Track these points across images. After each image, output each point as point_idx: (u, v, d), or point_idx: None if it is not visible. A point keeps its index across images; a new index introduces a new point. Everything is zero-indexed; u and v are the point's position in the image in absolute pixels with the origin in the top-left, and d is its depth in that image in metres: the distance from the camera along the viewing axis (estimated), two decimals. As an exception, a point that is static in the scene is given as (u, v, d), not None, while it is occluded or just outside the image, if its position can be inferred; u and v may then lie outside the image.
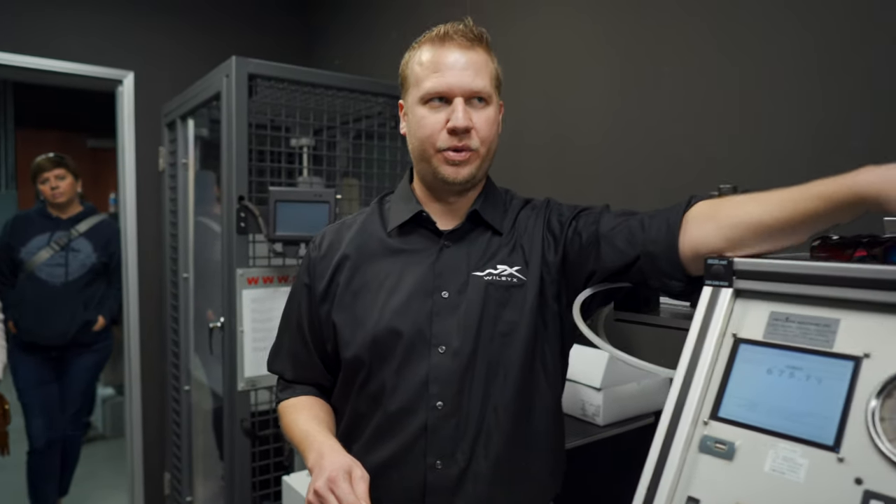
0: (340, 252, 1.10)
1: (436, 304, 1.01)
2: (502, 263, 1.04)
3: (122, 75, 2.95)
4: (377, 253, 1.08)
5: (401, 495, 1.00)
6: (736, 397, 0.77)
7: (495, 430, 1.00)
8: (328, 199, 1.94)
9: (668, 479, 0.76)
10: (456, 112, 0.99)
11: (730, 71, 1.58)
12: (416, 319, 1.00)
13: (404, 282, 1.03)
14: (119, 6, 2.95)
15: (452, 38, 1.01)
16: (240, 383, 2.07)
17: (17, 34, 2.72)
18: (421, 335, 1.00)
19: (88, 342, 2.95)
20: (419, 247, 1.07)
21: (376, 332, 1.01)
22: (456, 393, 0.98)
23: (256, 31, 3.27)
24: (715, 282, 0.84)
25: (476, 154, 1.03)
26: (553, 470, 1.10)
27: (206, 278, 2.67)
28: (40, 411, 2.84)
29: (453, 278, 1.03)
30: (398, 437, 1.00)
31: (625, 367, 1.63)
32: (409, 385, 0.99)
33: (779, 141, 1.48)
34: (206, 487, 2.77)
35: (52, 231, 2.89)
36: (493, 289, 1.02)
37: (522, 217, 1.11)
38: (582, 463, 1.79)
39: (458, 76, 1.00)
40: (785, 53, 1.47)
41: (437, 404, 0.98)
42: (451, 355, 0.99)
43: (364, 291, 1.06)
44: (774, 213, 0.80)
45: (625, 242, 0.97)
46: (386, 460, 1.01)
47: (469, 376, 0.99)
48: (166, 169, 2.89)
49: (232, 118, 2.02)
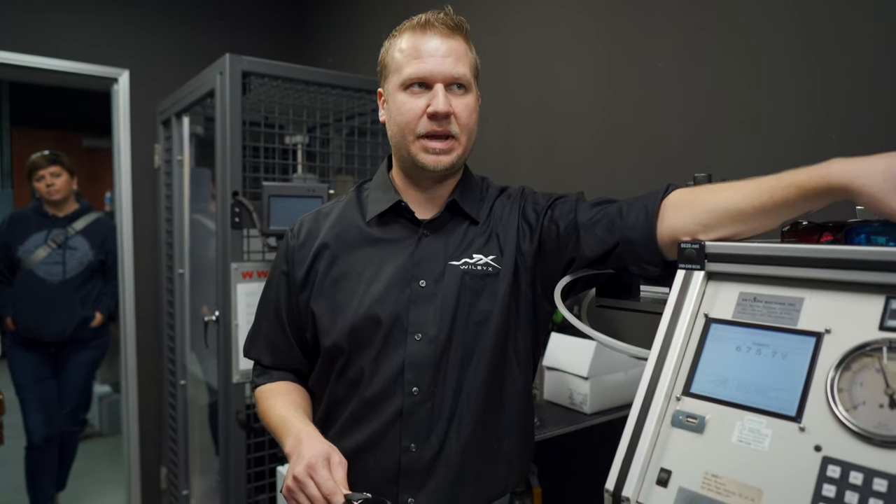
0: (319, 240, 1.11)
1: (414, 292, 1.03)
2: (478, 252, 1.06)
3: (117, 73, 2.98)
4: (356, 242, 1.09)
5: (375, 477, 1.02)
6: (707, 374, 0.80)
7: (467, 415, 1.02)
8: (321, 193, 1.98)
9: (643, 452, 0.79)
10: (437, 97, 1.00)
11: (721, 66, 1.61)
12: (394, 308, 1.02)
13: (384, 271, 1.05)
14: (114, 4, 2.98)
15: (434, 26, 1.02)
16: (234, 376, 2.10)
17: (12, 32, 2.74)
18: (399, 323, 1.02)
19: (86, 339, 2.98)
20: (398, 236, 1.08)
21: (355, 321, 1.03)
22: (430, 379, 1.01)
23: (250, 28, 3.30)
24: (688, 265, 0.87)
25: (457, 142, 1.04)
26: (523, 451, 1.12)
27: (201, 275, 2.70)
28: (38, 407, 2.86)
29: (431, 267, 1.04)
30: (374, 422, 1.02)
31: (612, 356, 1.67)
32: (386, 371, 1.01)
33: (771, 137, 1.52)
34: (203, 482, 2.80)
35: (49, 229, 2.91)
36: (468, 278, 1.03)
37: (498, 206, 1.12)
38: (569, 450, 1.83)
39: (439, 62, 1.01)
40: (778, 49, 1.50)
41: (412, 390, 1.01)
42: (426, 343, 1.01)
43: (343, 280, 1.07)
44: (749, 201, 0.84)
45: (604, 231, 1.00)
46: (361, 444, 1.03)
47: (444, 363, 1.01)
48: (162, 166, 2.92)
49: (226, 115, 2.04)
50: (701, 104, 1.65)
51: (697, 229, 0.89)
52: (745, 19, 1.54)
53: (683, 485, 0.75)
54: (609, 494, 0.80)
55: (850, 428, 0.66)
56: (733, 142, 1.58)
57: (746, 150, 1.55)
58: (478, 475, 1.04)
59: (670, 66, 1.71)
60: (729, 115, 1.58)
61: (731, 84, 1.58)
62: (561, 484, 1.81)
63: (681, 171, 1.66)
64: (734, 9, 1.56)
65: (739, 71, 1.56)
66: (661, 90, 1.74)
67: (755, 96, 1.53)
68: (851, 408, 0.67)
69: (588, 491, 1.74)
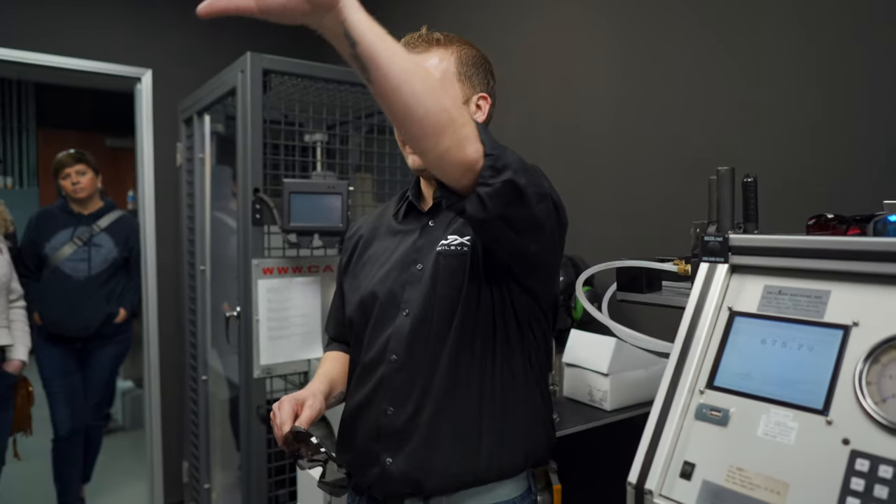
0: (360, 231, 1.31)
1: (411, 274, 1.14)
2: (455, 234, 1.13)
3: (140, 73, 3.02)
4: (383, 232, 1.25)
5: (364, 435, 1.14)
6: (731, 367, 0.80)
7: (438, 386, 1.09)
8: (341, 190, 1.99)
9: (666, 445, 0.79)
10: None
11: (740, 60, 1.60)
12: (391, 287, 1.14)
13: (394, 256, 1.18)
14: (137, 5, 3.02)
15: (409, 45, 1.13)
16: (255, 371, 2.12)
17: (39, 33, 2.80)
18: (393, 300, 1.13)
19: (110, 334, 3.03)
20: (411, 227, 1.21)
21: (363, 296, 1.18)
22: (406, 349, 1.10)
23: (270, 27, 3.32)
24: (711, 258, 0.87)
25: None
26: (502, 438, 1.11)
27: (222, 272, 2.73)
28: (65, 400, 2.92)
29: (429, 252, 1.14)
30: (367, 385, 1.14)
31: (632, 353, 1.66)
32: (378, 341, 1.14)
33: (784, 131, 1.50)
34: (224, 476, 2.83)
35: (74, 226, 2.96)
36: (442, 257, 1.11)
37: None
38: (589, 447, 1.82)
39: None
40: (793, 44, 1.49)
41: (392, 357, 1.11)
42: (410, 318, 1.11)
43: (367, 263, 1.23)
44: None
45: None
46: (358, 404, 1.16)
47: (420, 336, 1.10)
48: (183, 164, 2.96)
49: (247, 113, 2.07)
50: (722, 99, 1.63)
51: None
52: (761, 13, 1.53)
53: (707, 478, 0.74)
54: (632, 487, 0.79)
55: (879, 421, 0.65)
56: (754, 138, 1.56)
57: (766, 146, 1.53)
58: (450, 449, 1.08)
59: (689, 60, 1.70)
60: (748, 111, 1.57)
61: (751, 79, 1.56)
62: (581, 480, 1.80)
63: (700, 166, 1.65)
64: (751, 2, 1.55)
65: (759, 64, 1.54)
66: (680, 85, 1.72)
67: (772, 91, 1.51)
68: (881, 401, 0.66)
69: (608, 487, 1.73)
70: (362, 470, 1.13)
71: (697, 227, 1.05)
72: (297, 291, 2.18)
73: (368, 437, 1.12)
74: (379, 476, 1.11)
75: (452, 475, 1.08)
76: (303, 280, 2.19)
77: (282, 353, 2.15)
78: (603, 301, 1.20)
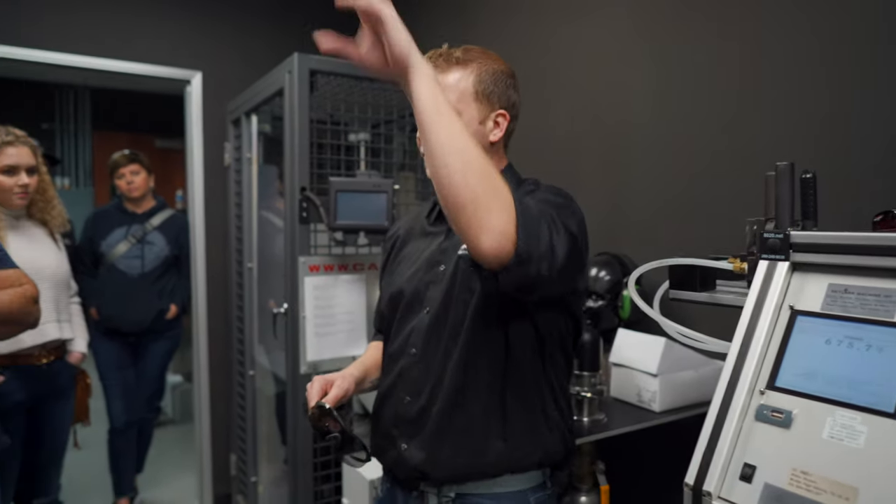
0: (398, 233, 1.39)
1: (435, 275, 1.20)
2: None
3: (190, 75, 3.11)
4: (417, 233, 1.33)
5: (386, 421, 1.22)
6: (793, 367, 0.77)
7: (450, 380, 1.14)
8: (386, 188, 2.01)
9: (724, 446, 0.77)
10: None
11: (789, 54, 1.55)
12: (417, 286, 1.21)
13: (422, 256, 1.25)
14: (187, 9, 3.11)
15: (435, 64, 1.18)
16: (302, 367, 2.16)
17: (95, 38, 2.90)
18: (417, 298, 1.21)
19: (162, 330, 3.13)
20: (439, 229, 1.27)
21: (392, 293, 1.27)
22: (424, 343, 1.17)
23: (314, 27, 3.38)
24: (771, 255, 0.84)
25: None
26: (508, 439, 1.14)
27: (268, 270, 2.79)
28: (120, 393, 3.03)
29: (452, 255, 1.19)
30: (390, 375, 1.23)
31: (682, 353, 1.63)
32: (401, 335, 1.22)
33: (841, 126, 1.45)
34: (270, 470, 2.89)
35: (128, 225, 3.07)
36: (462, 261, 1.15)
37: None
38: (637, 448, 1.80)
39: None
40: (853, 37, 1.43)
41: (411, 351, 1.19)
42: (431, 315, 1.18)
43: (401, 262, 1.31)
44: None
45: None
46: (384, 391, 1.25)
47: (437, 332, 1.16)
48: (231, 164, 3.03)
49: (294, 112, 2.10)
50: (776, 93, 1.58)
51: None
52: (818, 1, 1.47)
53: (769, 481, 0.73)
54: (689, 489, 0.78)
55: (957, 425, 0.62)
56: (808, 133, 1.51)
57: (821, 142, 1.48)
58: (457, 442, 1.13)
59: (739, 52, 1.65)
60: (801, 104, 1.52)
61: (807, 72, 1.51)
62: (629, 481, 1.78)
63: (749, 163, 1.61)
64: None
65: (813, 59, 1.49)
66: (730, 78, 1.68)
67: (830, 85, 1.46)
68: (958, 404, 0.63)
69: (658, 488, 1.71)
70: (384, 453, 1.22)
71: (754, 225, 1.02)
72: (343, 288, 2.21)
73: (389, 422, 1.20)
74: (396, 459, 1.19)
75: (458, 467, 1.14)
76: (348, 277, 2.22)
77: (327, 349, 2.19)
78: (654, 300, 1.18)
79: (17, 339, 1.97)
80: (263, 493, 2.83)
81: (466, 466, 1.14)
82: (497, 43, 2.41)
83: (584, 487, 1.66)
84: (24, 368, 2.05)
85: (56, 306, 2.16)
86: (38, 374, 2.10)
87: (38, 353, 2.09)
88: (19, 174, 2.06)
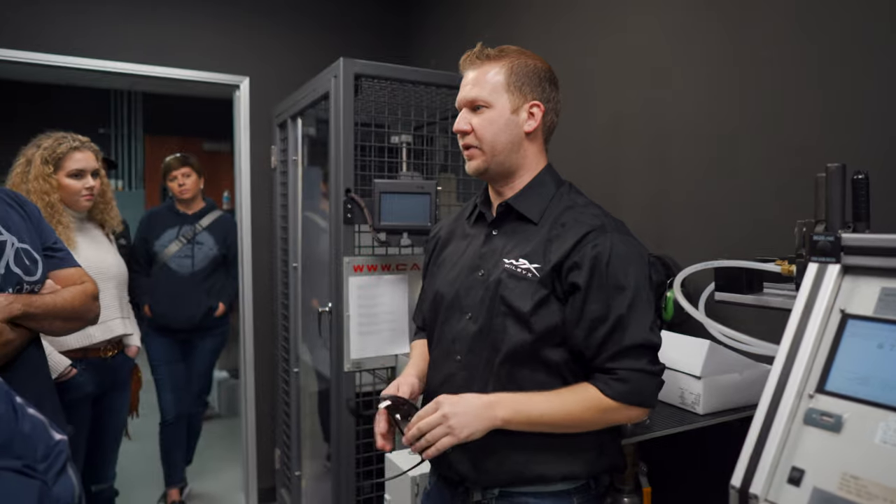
0: (439, 234, 1.43)
1: (474, 280, 1.23)
2: (524, 258, 1.18)
3: (239, 80, 3.21)
4: (457, 235, 1.36)
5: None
6: (844, 371, 0.77)
7: (492, 390, 1.16)
8: (429, 190, 2.04)
9: (772, 449, 0.77)
10: (458, 119, 1.24)
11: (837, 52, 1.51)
12: (457, 290, 1.25)
13: (462, 259, 1.29)
14: (235, 17, 3.21)
15: (466, 61, 1.25)
16: (346, 364, 2.21)
17: (150, 47, 3.03)
18: (457, 302, 1.24)
19: (210, 327, 3.24)
20: (478, 232, 1.30)
21: (434, 295, 1.31)
22: (468, 351, 1.20)
23: (357, 33, 3.45)
24: (821, 258, 0.83)
25: (478, 150, 1.23)
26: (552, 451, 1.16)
27: (312, 269, 2.85)
28: (171, 387, 3.15)
29: (491, 260, 1.23)
30: (436, 377, 1.27)
31: (727, 356, 1.61)
32: (445, 339, 1.26)
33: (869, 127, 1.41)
34: (313, 466, 2.95)
35: (180, 225, 3.19)
36: (506, 275, 1.18)
37: (569, 217, 1.20)
38: (680, 450, 1.78)
39: (463, 91, 1.24)
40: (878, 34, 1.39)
41: (456, 357, 1.22)
42: (472, 322, 1.21)
43: (442, 264, 1.34)
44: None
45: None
46: (430, 393, 1.26)
47: (479, 341, 1.19)
48: (277, 166, 3.11)
49: (339, 115, 2.15)
50: (825, 91, 1.55)
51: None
52: None
53: (819, 485, 0.72)
54: (735, 491, 0.78)
55: None
56: (858, 132, 1.47)
57: (872, 142, 1.44)
58: (501, 453, 1.16)
59: (784, 49, 1.62)
60: (852, 103, 1.48)
61: (858, 70, 1.47)
62: (671, 483, 1.77)
63: (795, 163, 1.57)
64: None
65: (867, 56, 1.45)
66: (776, 77, 1.65)
67: (882, 82, 1.42)
68: None
69: (700, 491, 1.69)
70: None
71: (803, 227, 1.01)
72: (386, 288, 2.25)
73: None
74: (441, 461, 1.20)
75: (502, 475, 1.17)
76: (391, 277, 2.26)
77: (370, 347, 2.23)
78: (699, 302, 1.18)
79: (88, 334, 2.10)
80: (306, 487, 2.90)
81: (511, 475, 1.17)
82: (539, 44, 2.42)
83: (626, 489, 1.65)
84: (94, 361, 2.16)
85: (120, 303, 2.27)
86: (104, 366, 2.21)
87: (105, 348, 2.20)
88: (85, 177, 2.16)
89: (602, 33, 2.19)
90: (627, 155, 2.12)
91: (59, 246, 1.60)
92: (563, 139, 2.14)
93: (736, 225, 1.78)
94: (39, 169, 2.09)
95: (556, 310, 1.15)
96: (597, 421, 1.11)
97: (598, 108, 2.22)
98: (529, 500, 1.17)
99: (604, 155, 2.20)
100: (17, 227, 1.47)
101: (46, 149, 2.12)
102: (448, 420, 1.05)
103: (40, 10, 2.83)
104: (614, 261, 1.11)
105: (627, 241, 1.15)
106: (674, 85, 1.96)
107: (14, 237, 1.43)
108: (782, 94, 1.65)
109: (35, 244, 1.50)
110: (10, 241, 1.42)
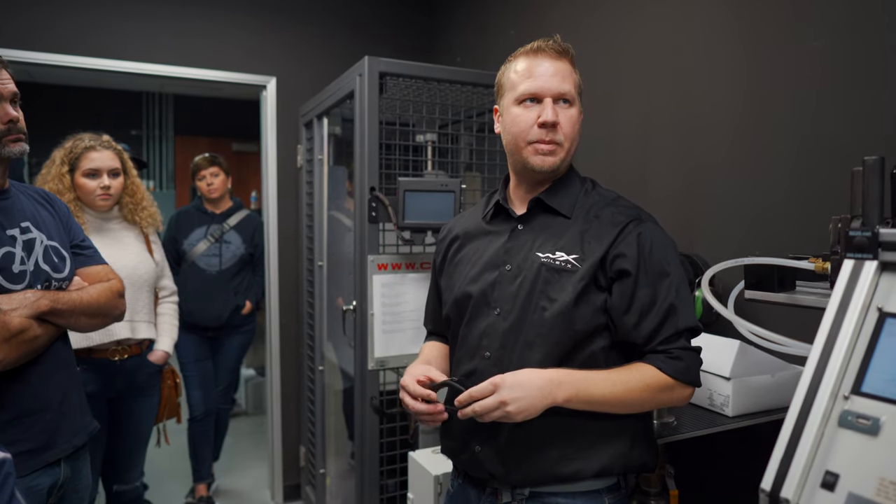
0: (453, 234, 1.40)
1: (501, 275, 1.22)
2: (561, 251, 1.18)
3: (265, 81, 3.24)
4: (474, 233, 1.34)
5: (460, 422, 1.19)
6: (881, 372, 0.74)
7: None
8: (454, 188, 2.03)
9: (804, 452, 0.74)
10: (546, 109, 1.18)
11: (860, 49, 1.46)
12: (483, 286, 1.23)
13: (484, 256, 1.27)
14: (262, 18, 3.25)
15: (544, 51, 1.21)
16: (370, 363, 2.21)
17: (178, 48, 3.08)
18: (484, 298, 1.22)
19: (238, 324, 3.28)
20: (500, 229, 1.29)
21: (457, 295, 1.28)
22: (499, 347, 1.18)
23: (382, 31, 3.46)
24: (858, 254, 0.80)
25: (561, 147, 1.21)
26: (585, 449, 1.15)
27: (337, 268, 2.87)
28: (199, 384, 3.19)
29: (518, 255, 1.21)
30: (461, 376, 1.24)
31: (757, 357, 1.57)
32: (472, 336, 1.23)
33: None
34: (337, 464, 2.97)
35: (208, 224, 3.23)
36: (544, 269, 1.17)
37: (607, 214, 1.21)
38: (708, 453, 1.74)
39: (548, 80, 1.19)
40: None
41: (485, 354, 1.20)
42: (502, 317, 1.19)
43: (460, 263, 1.33)
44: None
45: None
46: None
47: (511, 336, 1.17)
48: (304, 165, 3.14)
49: (364, 114, 2.16)
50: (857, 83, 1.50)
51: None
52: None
53: (854, 490, 0.69)
54: (765, 495, 0.75)
55: None
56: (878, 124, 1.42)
57: None
58: (532, 451, 1.15)
59: (825, 47, 1.57)
60: (889, 96, 1.43)
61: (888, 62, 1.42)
62: (698, 486, 1.73)
63: (827, 158, 1.52)
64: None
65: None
66: (812, 74, 1.60)
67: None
68: None
69: (728, 494, 1.65)
70: (457, 454, 1.26)
71: (838, 222, 0.97)
72: (410, 287, 2.25)
73: (462, 423, 1.19)
74: (468, 460, 1.22)
75: (532, 473, 1.15)
76: (415, 276, 2.26)
77: (394, 346, 2.23)
78: (729, 300, 1.15)
79: (87, 335, 2.03)
80: (331, 485, 2.92)
81: (541, 474, 1.15)
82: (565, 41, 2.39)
83: (652, 491, 1.62)
84: (100, 362, 2.13)
85: (132, 306, 2.17)
86: (113, 369, 2.17)
87: (113, 350, 2.16)
88: (101, 177, 2.17)
89: (629, 29, 2.16)
90: (656, 150, 2.08)
91: (86, 244, 1.63)
92: (590, 137, 2.12)
93: (767, 221, 1.73)
94: (57, 169, 2.12)
95: (598, 300, 1.15)
96: (649, 401, 1.11)
97: (625, 105, 2.18)
98: (559, 500, 1.15)
99: (631, 153, 2.16)
100: (47, 224, 1.50)
101: (65, 149, 2.16)
102: (506, 406, 1.04)
103: (80, 17, 2.91)
104: (656, 248, 1.15)
105: (662, 231, 1.19)
106: (702, 81, 1.92)
107: (43, 234, 1.46)
108: (817, 87, 1.60)
109: (63, 242, 1.53)
110: (40, 238, 1.45)
